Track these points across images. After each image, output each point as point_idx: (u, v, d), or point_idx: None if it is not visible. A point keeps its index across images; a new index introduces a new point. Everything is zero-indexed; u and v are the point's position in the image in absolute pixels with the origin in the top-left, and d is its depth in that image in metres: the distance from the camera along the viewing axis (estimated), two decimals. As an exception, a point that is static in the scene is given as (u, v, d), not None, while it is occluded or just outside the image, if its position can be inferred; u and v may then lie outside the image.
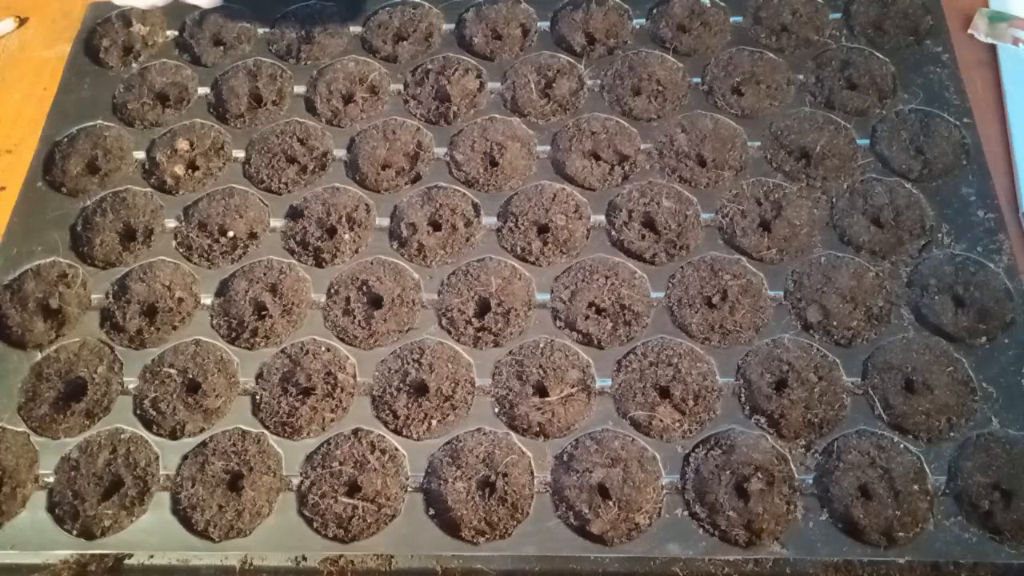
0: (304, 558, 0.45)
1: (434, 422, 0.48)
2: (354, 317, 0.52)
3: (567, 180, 0.57)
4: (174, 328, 0.53)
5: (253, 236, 0.56)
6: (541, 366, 0.50)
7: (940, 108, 0.59)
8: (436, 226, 0.56)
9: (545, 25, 0.65)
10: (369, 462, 0.47)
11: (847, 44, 0.62)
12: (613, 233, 0.54)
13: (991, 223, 0.53)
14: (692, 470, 0.46)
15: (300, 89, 0.62)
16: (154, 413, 0.49)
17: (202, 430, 0.49)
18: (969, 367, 0.48)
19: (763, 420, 0.47)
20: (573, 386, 0.49)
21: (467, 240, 0.55)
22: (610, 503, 0.46)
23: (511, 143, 0.59)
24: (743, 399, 0.48)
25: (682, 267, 0.53)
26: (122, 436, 0.49)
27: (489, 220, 0.55)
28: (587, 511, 0.45)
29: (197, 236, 0.56)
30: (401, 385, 0.50)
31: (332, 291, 0.53)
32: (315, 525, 0.45)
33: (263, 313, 0.54)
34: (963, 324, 0.50)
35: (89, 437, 0.49)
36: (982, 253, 0.52)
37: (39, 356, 0.52)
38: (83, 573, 0.45)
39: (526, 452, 0.47)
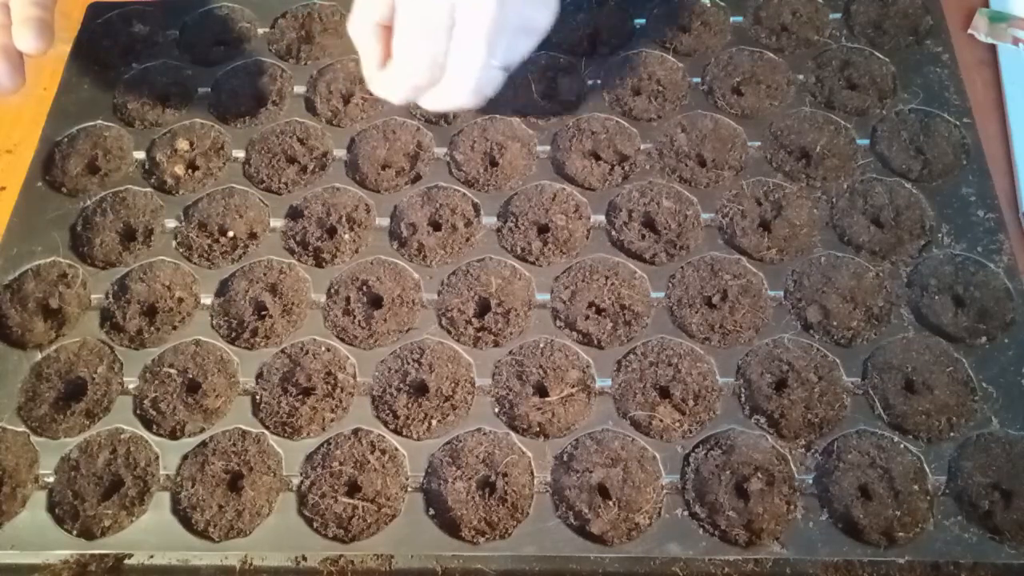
0: (304, 558, 0.45)
1: (434, 422, 0.48)
2: (354, 317, 0.52)
3: (567, 180, 0.57)
4: (174, 328, 0.53)
5: (253, 236, 0.56)
6: (541, 366, 0.50)
7: (940, 108, 0.58)
8: (436, 226, 0.56)
9: (545, 25, 0.65)
10: (369, 462, 0.47)
11: (847, 44, 0.62)
12: (613, 233, 0.54)
13: (991, 223, 0.53)
14: (692, 470, 0.46)
15: (300, 89, 0.62)
16: (154, 413, 0.49)
17: (202, 430, 0.49)
18: (969, 367, 0.48)
19: (763, 420, 0.47)
20: (573, 386, 0.49)
21: (467, 240, 0.55)
22: (610, 503, 0.46)
23: (511, 143, 0.59)
24: (743, 399, 0.48)
25: (682, 267, 0.53)
26: (122, 436, 0.49)
27: (489, 220, 0.55)
28: (587, 511, 0.45)
29: (197, 236, 0.56)
30: (401, 385, 0.50)
31: (332, 291, 0.53)
32: (315, 525, 0.45)
33: (263, 313, 0.54)
34: (963, 324, 0.50)
35: (89, 437, 0.48)
36: (982, 253, 0.52)
37: (39, 356, 0.51)
38: (83, 573, 0.45)
39: (526, 452, 0.47)
